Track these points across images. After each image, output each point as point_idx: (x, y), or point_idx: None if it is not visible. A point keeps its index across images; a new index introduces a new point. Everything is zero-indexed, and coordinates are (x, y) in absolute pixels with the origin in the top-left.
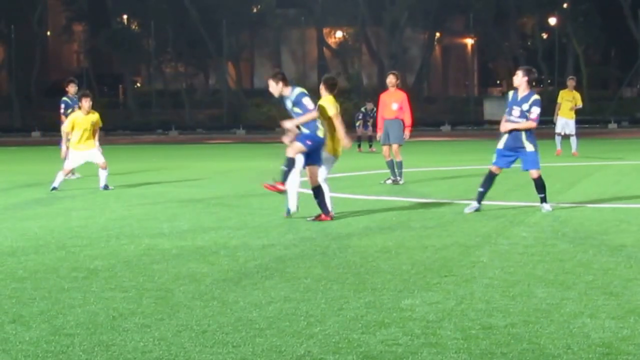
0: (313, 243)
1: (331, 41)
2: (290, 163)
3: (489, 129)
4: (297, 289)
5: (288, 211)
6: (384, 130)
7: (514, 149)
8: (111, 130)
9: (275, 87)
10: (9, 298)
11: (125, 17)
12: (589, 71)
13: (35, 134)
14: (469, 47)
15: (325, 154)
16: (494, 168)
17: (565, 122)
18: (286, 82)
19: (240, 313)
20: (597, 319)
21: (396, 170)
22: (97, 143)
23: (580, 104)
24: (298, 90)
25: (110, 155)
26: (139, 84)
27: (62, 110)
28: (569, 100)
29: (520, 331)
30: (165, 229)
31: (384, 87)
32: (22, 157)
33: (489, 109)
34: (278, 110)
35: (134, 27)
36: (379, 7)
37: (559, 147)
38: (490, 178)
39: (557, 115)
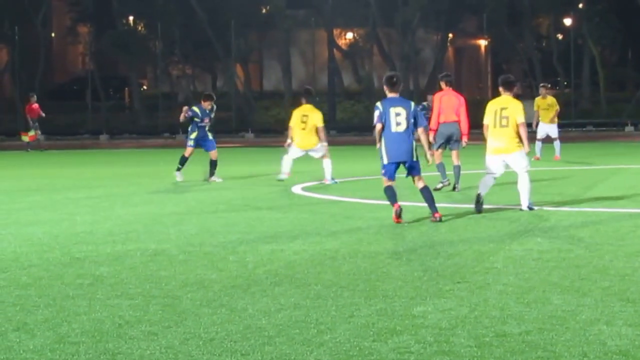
0: (323, 248)
1: (342, 42)
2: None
3: None
4: (307, 295)
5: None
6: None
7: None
8: (117, 134)
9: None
10: (12, 305)
11: (131, 18)
12: (605, 73)
13: (40, 138)
14: (483, 48)
15: None
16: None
17: (548, 127)
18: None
19: (249, 320)
20: (613, 326)
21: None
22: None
23: (558, 108)
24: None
25: (116, 159)
26: (145, 87)
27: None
28: (545, 109)
29: (535, 339)
30: (172, 235)
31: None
32: (25, 161)
33: None
34: (287, 113)
35: (140, 28)
36: (391, 7)
37: (537, 154)
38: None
39: (538, 122)
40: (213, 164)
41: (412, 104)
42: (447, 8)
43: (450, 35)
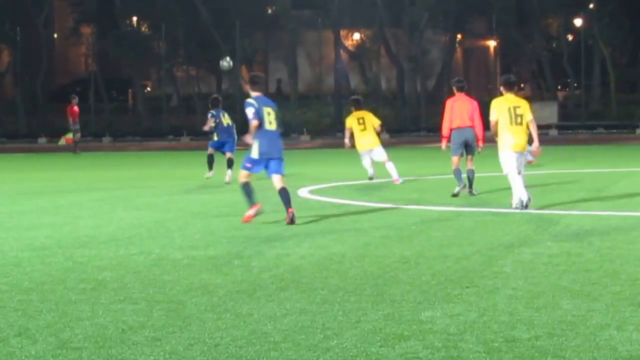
0: (329, 252)
1: (348, 43)
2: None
3: None
4: (313, 300)
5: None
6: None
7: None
8: (120, 136)
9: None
10: (14, 310)
11: (134, 19)
12: (616, 74)
13: (42, 140)
14: (491, 49)
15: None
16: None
17: None
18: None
19: (254, 326)
20: (624, 332)
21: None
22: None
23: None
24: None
25: (120, 162)
26: (149, 89)
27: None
28: None
29: (545, 344)
30: (176, 239)
31: (402, 91)
32: (27, 164)
33: None
34: (292, 115)
35: (143, 29)
36: (398, 8)
37: None
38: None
39: None
40: (230, 163)
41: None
42: (456, 8)
43: (459, 36)
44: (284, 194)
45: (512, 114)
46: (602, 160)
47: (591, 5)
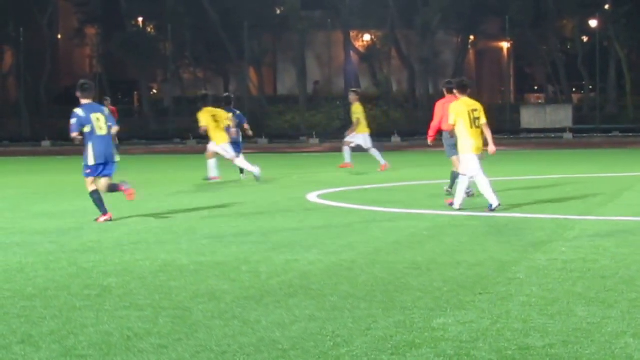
0: (339, 258)
1: (359, 45)
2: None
3: (526, 137)
4: (322, 307)
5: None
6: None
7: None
8: (126, 140)
9: None
10: (17, 317)
11: (140, 19)
12: (632, 76)
13: (46, 144)
14: (505, 51)
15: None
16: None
17: (362, 137)
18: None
19: (262, 333)
20: None
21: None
22: None
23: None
24: None
25: (125, 166)
26: (155, 91)
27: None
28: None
29: (560, 352)
30: (183, 244)
31: (413, 94)
32: (31, 168)
33: (527, 116)
34: (302, 117)
35: (149, 30)
36: (410, 8)
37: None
38: None
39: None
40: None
41: (105, 109)
42: (469, 9)
43: (472, 37)
44: (96, 195)
45: (471, 117)
46: (618, 164)
47: (607, 6)
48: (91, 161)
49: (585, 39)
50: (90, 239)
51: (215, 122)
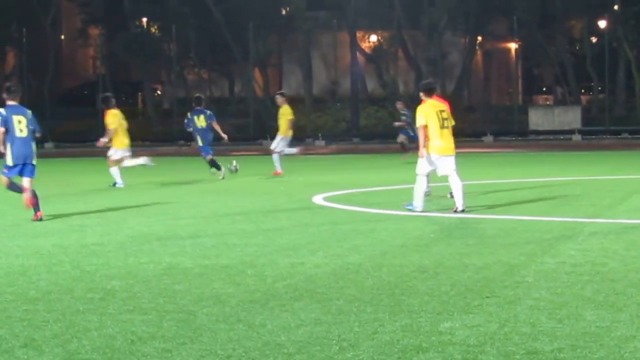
0: (345, 261)
1: (365, 45)
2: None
3: (535, 139)
4: (328, 311)
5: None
6: None
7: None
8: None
9: None
10: (20, 321)
11: (144, 20)
12: None
13: (48, 145)
14: (513, 52)
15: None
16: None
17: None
18: None
19: (267, 337)
20: None
21: None
22: None
23: (290, 118)
24: None
25: (128, 168)
26: (159, 92)
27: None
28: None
29: (568, 356)
30: (187, 247)
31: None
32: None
33: (535, 118)
34: (308, 119)
35: (153, 31)
36: (417, 9)
37: (278, 169)
38: None
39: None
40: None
41: (29, 112)
42: (476, 10)
43: (479, 38)
44: (35, 195)
45: (440, 118)
46: (627, 166)
47: (615, 7)
48: (10, 162)
49: (593, 39)
50: (93, 242)
51: (121, 125)
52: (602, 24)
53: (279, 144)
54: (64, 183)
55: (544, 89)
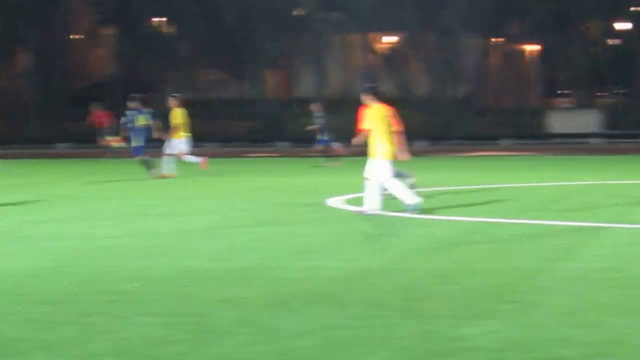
0: (359, 265)
1: (378, 47)
2: None
3: (552, 142)
4: (344, 315)
5: None
6: None
7: None
8: None
9: None
10: (35, 322)
11: (156, 21)
12: None
13: (61, 146)
14: (529, 54)
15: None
16: None
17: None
18: None
19: (282, 341)
20: None
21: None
22: None
23: (177, 122)
24: None
25: (139, 169)
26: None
27: None
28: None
29: None
30: (200, 250)
31: (434, 97)
32: (42, 171)
33: (552, 121)
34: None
35: (164, 31)
36: (430, 10)
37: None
38: None
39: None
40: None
41: None
42: (491, 11)
43: (494, 40)
44: None
45: (386, 123)
46: None
47: (633, 9)
48: None
49: (611, 42)
50: (104, 244)
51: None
52: (620, 25)
53: (174, 147)
54: (74, 184)
55: (562, 92)
